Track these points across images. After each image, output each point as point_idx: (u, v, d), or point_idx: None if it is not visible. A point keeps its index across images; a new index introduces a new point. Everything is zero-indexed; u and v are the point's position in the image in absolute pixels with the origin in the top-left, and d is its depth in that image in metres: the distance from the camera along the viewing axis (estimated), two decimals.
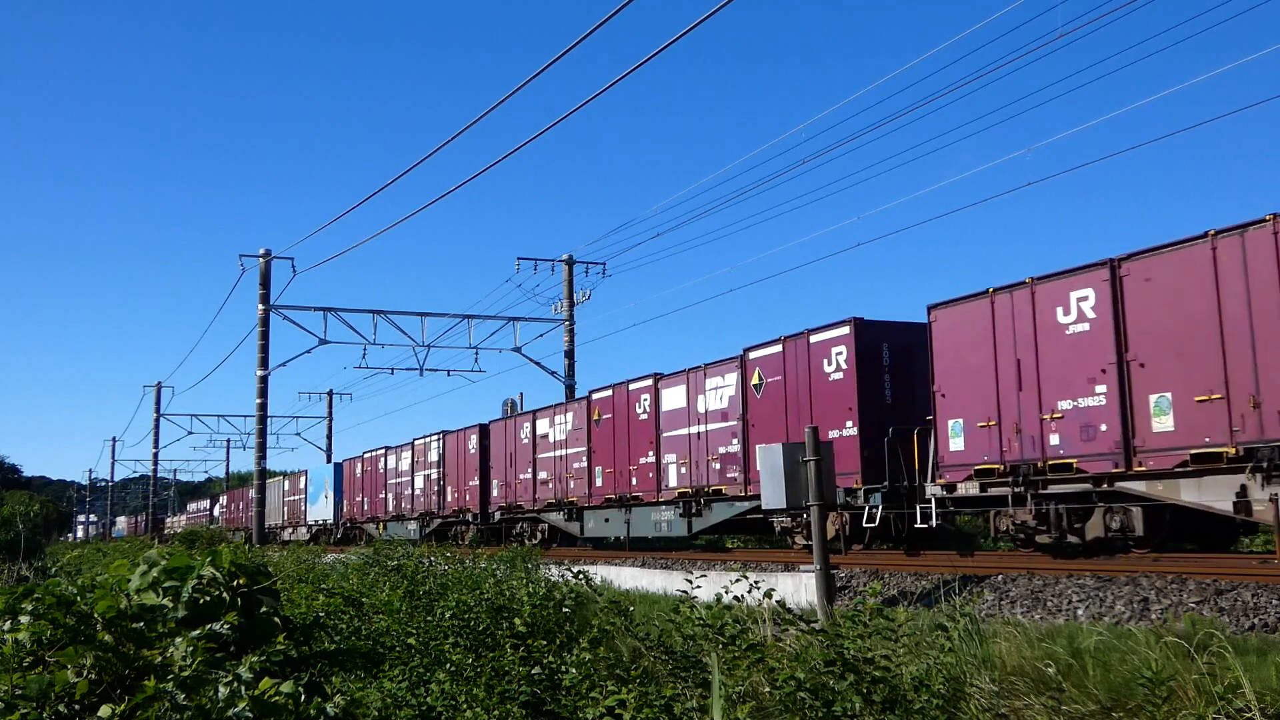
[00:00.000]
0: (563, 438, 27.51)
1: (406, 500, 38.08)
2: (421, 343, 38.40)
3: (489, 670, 8.02)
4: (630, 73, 14.06)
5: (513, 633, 8.86)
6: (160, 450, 72.54)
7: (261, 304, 37.48)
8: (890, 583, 14.57)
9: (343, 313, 37.34)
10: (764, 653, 6.27)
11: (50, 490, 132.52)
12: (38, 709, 3.59)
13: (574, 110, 15.47)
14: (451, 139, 18.06)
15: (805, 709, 5.65)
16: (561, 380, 39.03)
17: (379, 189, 23.39)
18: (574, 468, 26.64)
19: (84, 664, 3.85)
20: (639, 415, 23.73)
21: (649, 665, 7.52)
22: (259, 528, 39.71)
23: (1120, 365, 13.52)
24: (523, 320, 39.32)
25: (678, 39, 13.12)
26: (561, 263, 38.64)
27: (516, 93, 18.03)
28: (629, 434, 24.08)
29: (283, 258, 37.59)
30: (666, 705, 5.80)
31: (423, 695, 8.26)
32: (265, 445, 39.39)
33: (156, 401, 70.04)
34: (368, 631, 10.87)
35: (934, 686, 5.85)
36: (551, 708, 7.43)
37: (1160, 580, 11.90)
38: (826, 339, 18.14)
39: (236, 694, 3.75)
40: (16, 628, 4.03)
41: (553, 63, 14.31)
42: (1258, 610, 10.37)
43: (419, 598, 12.22)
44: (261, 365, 37.56)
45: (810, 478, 12.30)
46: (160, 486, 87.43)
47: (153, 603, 4.20)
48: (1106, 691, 7.14)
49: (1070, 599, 12.02)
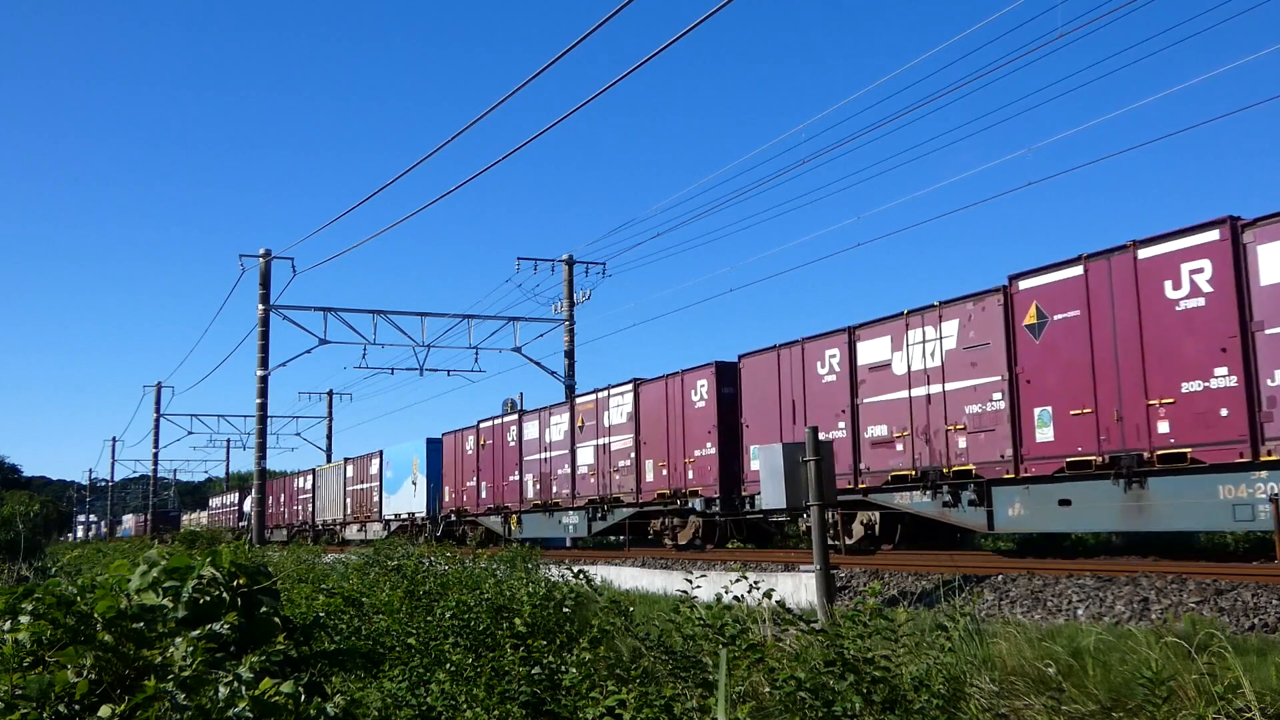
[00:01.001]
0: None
1: (560, 482, 27.99)
2: (421, 343, 38.43)
3: (489, 670, 8.02)
4: (630, 73, 14.07)
5: (513, 633, 8.86)
6: (160, 450, 72.61)
7: (261, 304, 37.47)
8: (890, 583, 14.57)
9: (343, 313, 37.37)
10: (764, 653, 6.26)
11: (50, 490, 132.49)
12: (38, 709, 3.59)
13: (574, 110, 15.48)
14: (451, 139, 18.07)
15: (805, 709, 5.65)
16: (561, 380, 39.03)
17: (379, 189, 23.41)
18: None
19: (84, 664, 3.85)
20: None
21: (649, 665, 7.51)
22: (259, 528, 39.69)
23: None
24: (523, 320, 39.36)
25: (678, 39, 13.13)
26: (561, 263, 38.64)
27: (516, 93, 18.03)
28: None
29: (283, 258, 37.63)
30: (666, 705, 5.80)
31: (423, 695, 8.26)
32: (265, 445, 39.40)
33: (156, 401, 70.06)
34: (368, 631, 10.87)
35: (934, 686, 5.85)
36: (551, 708, 7.43)
37: (1160, 580, 11.90)
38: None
39: (236, 694, 3.76)
40: (16, 628, 4.03)
41: (553, 63, 14.32)
42: (1258, 610, 10.37)
43: (419, 598, 12.23)
44: (261, 365, 37.55)
45: (810, 478, 12.30)
46: (160, 486, 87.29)
47: (153, 603, 4.20)
48: (1106, 691, 7.14)
49: (1070, 599, 12.02)
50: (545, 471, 28.84)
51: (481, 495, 32.75)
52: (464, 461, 34.16)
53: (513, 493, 30.72)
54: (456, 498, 34.61)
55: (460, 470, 34.38)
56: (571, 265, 38.72)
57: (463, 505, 34.02)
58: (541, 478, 29.06)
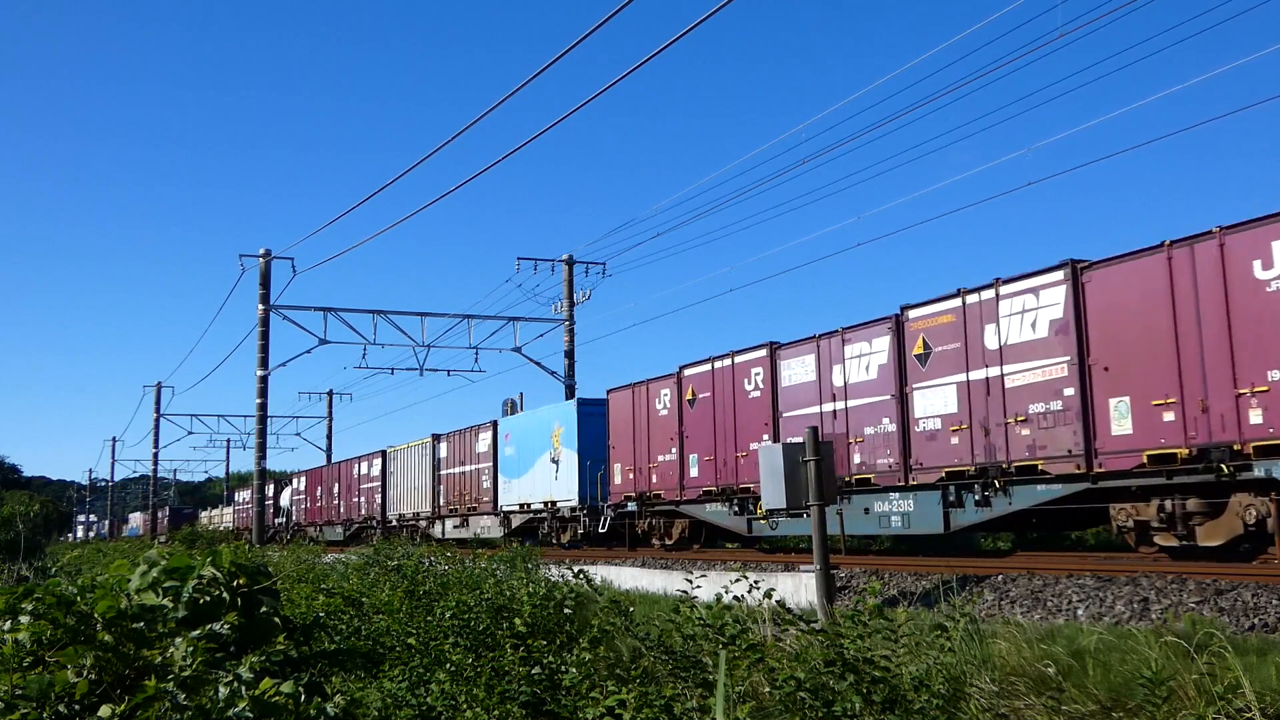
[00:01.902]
0: None
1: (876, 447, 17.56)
2: (421, 343, 38.42)
3: (489, 670, 8.02)
4: (630, 73, 14.07)
5: (513, 633, 8.87)
6: (160, 450, 72.59)
7: (261, 304, 37.48)
8: (890, 583, 14.57)
9: (343, 313, 37.37)
10: (764, 653, 6.27)
11: (50, 490, 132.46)
12: (38, 709, 3.59)
13: (574, 110, 15.48)
14: (451, 139, 18.07)
15: (805, 709, 5.66)
16: (561, 380, 39.04)
17: (379, 189, 23.41)
18: None
19: (84, 664, 3.86)
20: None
21: (649, 665, 7.51)
22: (259, 527, 39.68)
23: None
24: (523, 320, 39.35)
25: (678, 39, 13.12)
26: (561, 263, 38.65)
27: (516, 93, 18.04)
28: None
29: (283, 258, 37.64)
30: (666, 705, 5.80)
31: (423, 695, 8.26)
32: (265, 445, 39.38)
33: (156, 401, 70.08)
34: (368, 631, 10.88)
35: (934, 686, 5.85)
36: (551, 708, 7.43)
37: (1160, 580, 11.90)
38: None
39: (236, 694, 3.76)
40: (16, 628, 4.03)
41: (553, 63, 14.32)
42: (1258, 610, 10.37)
43: (419, 598, 12.23)
44: (261, 365, 37.56)
45: (810, 478, 12.30)
46: (160, 486, 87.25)
47: (153, 603, 4.20)
48: (1106, 691, 7.14)
49: (1070, 599, 12.02)
50: (835, 431, 18.20)
51: (691, 473, 21.95)
52: (654, 425, 23.55)
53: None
54: (639, 478, 23.90)
55: (645, 438, 23.78)
56: (571, 265, 38.73)
57: (651, 488, 23.39)
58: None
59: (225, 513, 79.54)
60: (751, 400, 20.29)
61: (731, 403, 20.85)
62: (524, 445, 29.94)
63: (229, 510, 77.05)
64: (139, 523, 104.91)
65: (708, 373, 21.82)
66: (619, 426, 25.09)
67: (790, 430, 19.05)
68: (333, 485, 48.27)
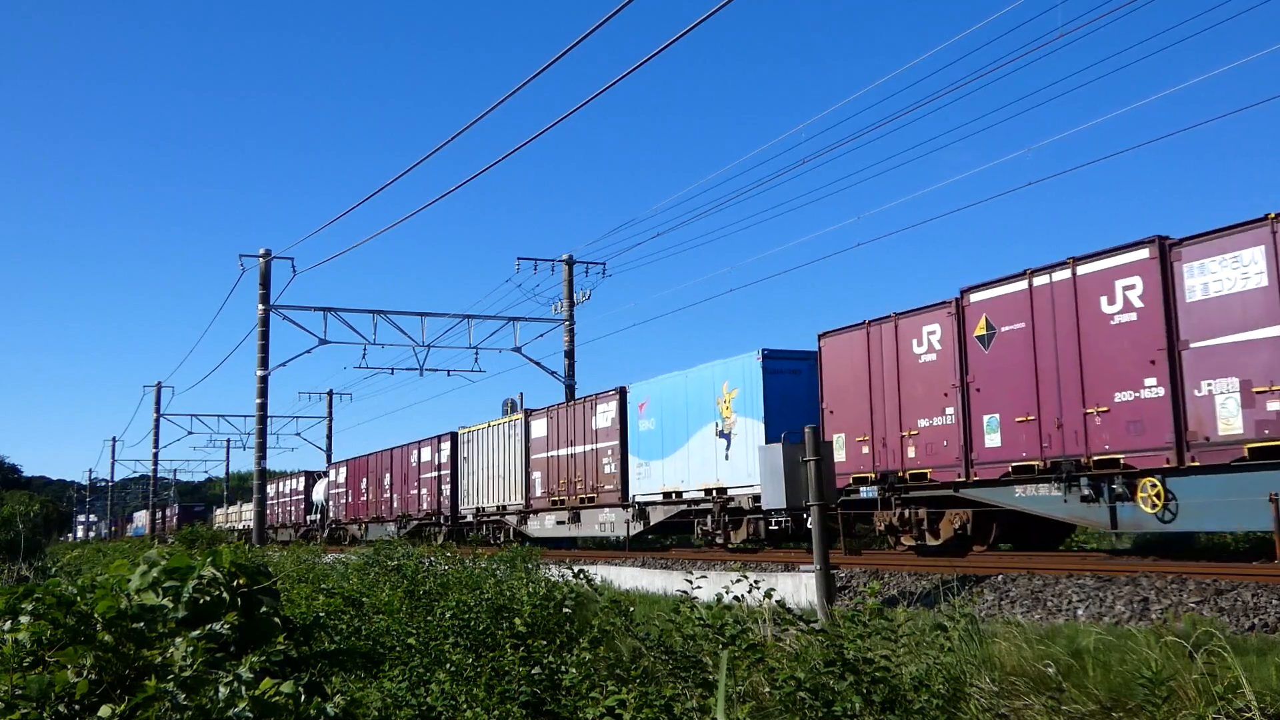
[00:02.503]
0: None
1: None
2: (421, 343, 38.39)
3: (489, 670, 8.03)
4: (630, 73, 14.06)
5: (513, 633, 8.87)
6: (160, 450, 72.51)
7: (261, 304, 37.48)
8: (890, 583, 14.57)
9: (343, 313, 37.34)
10: (764, 653, 6.27)
11: (50, 490, 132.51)
12: (38, 709, 3.59)
13: (574, 110, 15.47)
14: (451, 139, 18.07)
15: (805, 709, 5.66)
16: (561, 380, 39.03)
17: (379, 189, 23.40)
18: None
19: (84, 664, 3.86)
20: None
21: (649, 665, 7.52)
22: (259, 527, 39.66)
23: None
24: (523, 320, 39.33)
25: (678, 39, 13.12)
26: (561, 263, 38.64)
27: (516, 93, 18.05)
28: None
29: (283, 258, 37.62)
30: (666, 705, 5.80)
31: (423, 695, 8.27)
32: (265, 445, 39.32)
33: (156, 401, 70.06)
34: (368, 631, 10.88)
35: (934, 686, 5.86)
36: (551, 708, 7.43)
37: (1160, 580, 11.91)
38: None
39: (236, 694, 3.76)
40: (16, 628, 4.03)
41: (553, 63, 14.31)
42: (1258, 610, 10.37)
43: (419, 598, 12.23)
44: (261, 365, 37.55)
45: (810, 478, 12.30)
46: (160, 486, 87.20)
47: (153, 603, 4.20)
48: (1106, 691, 7.14)
49: (1070, 599, 12.02)
50: None
51: (987, 441, 15.76)
52: (909, 376, 17.02)
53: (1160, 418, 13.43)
54: (880, 452, 17.51)
55: (893, 395, 17.25)
56: (571, 265, 38.73)
57: (905, 465, 17.02)
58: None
59: (244, 510, 70.48)
60: (1117, 328, 13.98)
61: (1073, 333, 14.49)
62: (671, 416, 23.22)
63: (247, 508, 66.49)
64: (144, 522, 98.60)
65: (1019, 294, 15.32)
66: (839, 383, 18.33)
67: (1204, 368, 12.93)
68: (383, 476, 41.79)
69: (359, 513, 44.76)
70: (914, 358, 16.98)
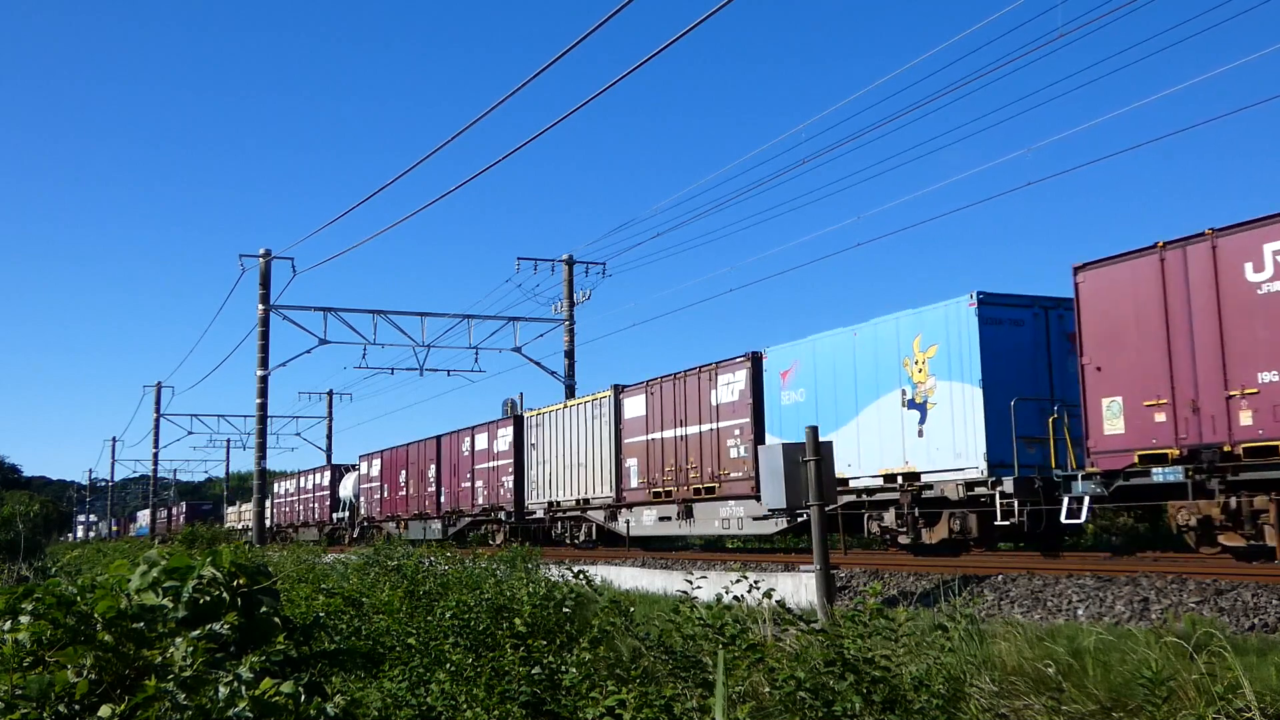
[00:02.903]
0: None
1: None
2: (421, 343, 38.42)
3: (489, 670, 8.03)
4: (630, 73, 14.07)
5: (513, 633, 8.87)
6: (160, 450, 72.54)
7: (261, 304, 37.49)
8: (890, 583, 14.57)
9: (343, 313, 37.38)
10: (764, 653, 6.27)
11: (50, 490, 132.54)
12: (38, 709, 3.59)
13: (574, 110, 15.49)
14: (451, 139, 18.09)
15: (805, 709, 5.66)
16: (561, 380, 39.05)
17: (379, 189, 23.42)
18: None
19: (84, 664, 3.86)
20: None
21: (649, 665, 7.52)
22: (258, 528, 39.68)
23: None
24: (523, 320, 39.36)
25: (678, 39, 13.12)
26: (561, 263, 38.66)
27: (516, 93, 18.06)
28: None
29: (283, 258, 37.64)
30: (666, 705, 5.81)
31: (423, 695, 8.27)
32: (265, 445, 39.35)
33: (156, 401, 70.08)
34: (368, 631, 10.88)
35: (934, 686, 5.86)
36: (551, 708, 7.44)
37: (1160, 580, 11.91)
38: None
39: (236, 694, 3.76)
40: (16, 628, 4.03)
41: (553, 63, 14.32)
42: (1258, 610, 10.37)
43: (419, 598, 12.24)
44: (261, 365, 37.56)
45: (810, 478, 12.30)
46: (160, 486, 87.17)
47: (153, 603, 4.20)
48: (1106, 691, 7.14)
49: (1070, 599, 12.02)
50: None
51: None
52: (1239, 310, 12.89)
53: None
54: (1184, 419, 13.32)
55: (1213, 337, 13.10)
56: (571, 265, 38.75)
57: (1249, 433, 12.68)
58: None
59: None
60: None
61: None
62: (831, 384, 18.75)
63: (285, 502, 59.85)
64: (148, 521, 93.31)
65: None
66: (1111, 329, 14.21)
67: None
68: (426, 468, 37.61)
69: (397, 509, 40.61)
70: (1249, 288, 12.60)
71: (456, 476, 35.23)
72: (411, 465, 39.47)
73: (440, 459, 36.68)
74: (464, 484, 34.47)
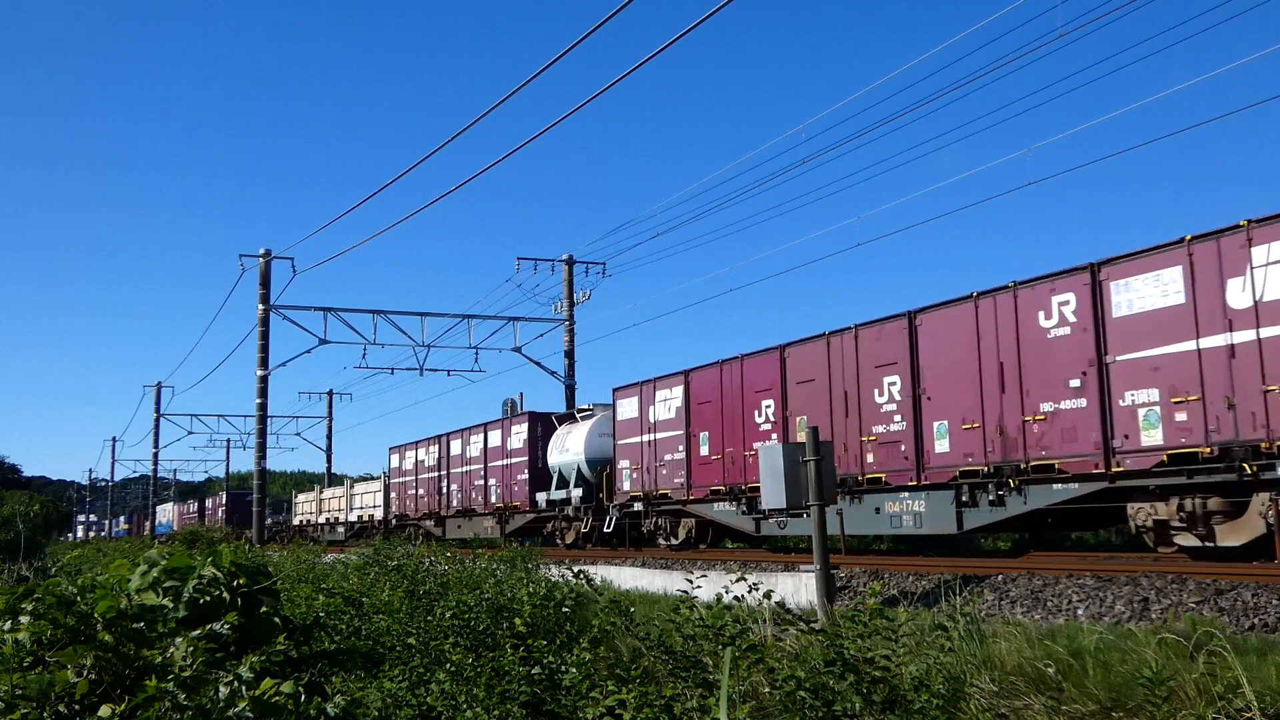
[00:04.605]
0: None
1: None
2: (421, 343, 38.39)
3: (489, 670, 8.02)
4: (630, 73, 14.05)
5: (513, 633, 8.87)
6: (160, 450, 72.50)
7: (261, 304, 37.46)
8: (890, 583, 14.57)
9: (343, 313, 37.33)
10: (764, 653, 6.27)
11: (50, 490, 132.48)
12: (38, 709, 3.59)
13: (574, 110, 15.46)
14: (451, 139, 18.05)
15: (805, 709, 5.65)
16: (561, 380, 39.03)
17: (379, 189, 23.36)
18: None
19: (84, 664, 3.85)
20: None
21: (649, 665, 7.51)
22: (258, 527, 39.65)
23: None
24: (523, 320, 39.32)
25: (678, 39, 13.11)
26: (561, 263, 38.64)
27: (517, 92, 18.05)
28: None
29: (283, 258, 37.61)
30: (666, 705, 5.80)
31: (423, 695, 8.26)
32: (265, 445, 39.31)
33: (156, 401, 70.05)
34: (368, 631, 10.87)
35: (934, 686, 5.86)
36: (551, 708, 7.43)
37: (1160, 580, 11.90)
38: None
39: (237, 694, 3.75)
40: (16, 628, 4.03)
41: (553, 63, 14.30)
42: (1258, 610, 10.37)
43: (419, 598, 12.23)
44: (261, 365, 37.54)
45: (810, 478, 12.29)
46: (160, 486, 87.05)
47: (153, 603, 4.20)
48: (1107, 691, 7.13)
49: (1070, 599, 12.02)
50: None
51: None
52: None
53: None
54: None
55: None
56: (571, 265, 38.73)
57: None
58: None
59: (358, 493, 49.25)
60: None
61: None
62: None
63: (364, 489, 48.77)
64: (170, 516, 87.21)
65: None
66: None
67: None
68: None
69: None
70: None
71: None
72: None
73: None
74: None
